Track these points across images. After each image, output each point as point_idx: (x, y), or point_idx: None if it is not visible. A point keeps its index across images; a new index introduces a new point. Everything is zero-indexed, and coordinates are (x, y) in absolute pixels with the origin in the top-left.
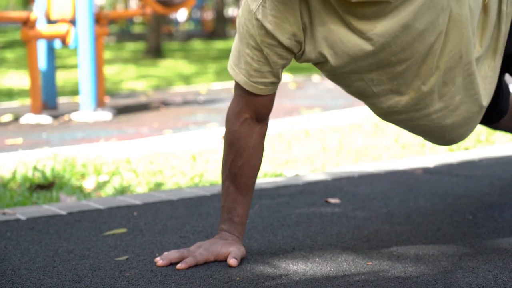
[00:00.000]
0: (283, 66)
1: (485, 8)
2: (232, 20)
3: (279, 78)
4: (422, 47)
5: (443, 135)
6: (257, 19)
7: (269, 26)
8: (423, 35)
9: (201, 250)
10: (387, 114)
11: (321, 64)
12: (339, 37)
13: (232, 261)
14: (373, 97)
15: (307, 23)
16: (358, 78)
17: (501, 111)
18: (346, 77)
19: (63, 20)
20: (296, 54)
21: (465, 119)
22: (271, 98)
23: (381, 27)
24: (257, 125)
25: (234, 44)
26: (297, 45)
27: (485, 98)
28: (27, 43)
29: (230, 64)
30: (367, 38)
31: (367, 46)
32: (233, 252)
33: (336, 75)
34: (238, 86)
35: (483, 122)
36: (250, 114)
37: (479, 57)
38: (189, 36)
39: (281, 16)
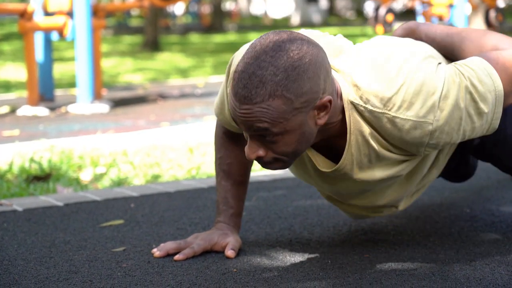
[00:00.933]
0: None
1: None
2: (229, 14)
3: None
4: (373, 194)
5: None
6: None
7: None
8: (379, 190)
9: (198, 241)
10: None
11: None
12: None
13: (230, 253)
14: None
15: None
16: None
17: (465, 176)
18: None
19: (60, 12)
20: None
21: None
22: None
23: (341, 186)
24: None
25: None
26: None
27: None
28: (24, 35)
29: (216, 103)
30: (323, 183)
31: (321, 185)
32: (230, 243)
33: None
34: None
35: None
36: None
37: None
38: (186, 30)
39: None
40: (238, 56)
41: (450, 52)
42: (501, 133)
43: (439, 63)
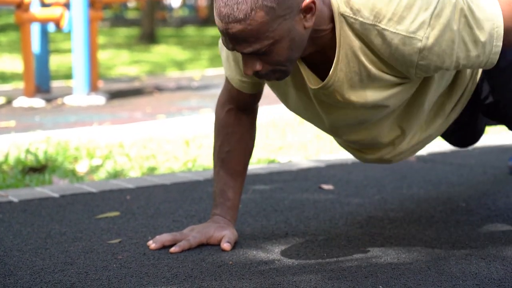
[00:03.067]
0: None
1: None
2: None
3: (261, 83)
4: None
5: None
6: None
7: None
8: (377, 122)
9: (194, 233)
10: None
11: None
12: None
13: (225, 245)
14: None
15: None
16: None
17: (471, 141)
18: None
19: (57, 4)
20: None
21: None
22: (255, 96)
23: (338, 115)
24: (243, 114)
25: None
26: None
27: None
28: (20, 26)
29: (223, 57)
30: (320, 113)
31: (319, 118)
32: (226, 236)
33: None
34: (226, 78)
35: (455, 145)
36: (235, 106)
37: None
38: (183, 22)
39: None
40: None
41: None
42: (502, 78)
43: None
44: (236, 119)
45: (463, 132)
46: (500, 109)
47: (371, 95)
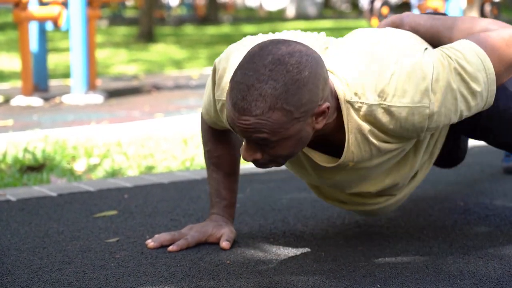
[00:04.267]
0: None
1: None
2: (224, 6)
3: None
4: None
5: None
6: (217, 100)
7: (223, 118)
8: (374, 178)
9: (192, 232)
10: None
11: None
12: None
13: (224, 244)
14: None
15: None
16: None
17: (458, 160)
18: None
19: (55, 2)
20: None
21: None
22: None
23: (339, 177)
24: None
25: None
26: None
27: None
28: (18, 25)
29: (205, 102)
30: (319, 177)
31: (317, 181)
32: (225, 235)
33: None
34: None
35: (443, 167)
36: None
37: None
38: (181, 21)
39: None
40: (223, 63)
41: (437, 42)
42: (494, 109)
43: (426, 48)
44: (221, 131)
45: (449, 156)
46: (481, 127)
47: (377, 160)
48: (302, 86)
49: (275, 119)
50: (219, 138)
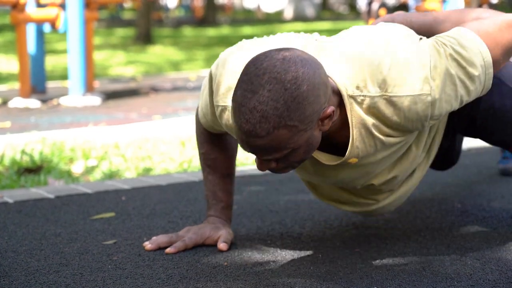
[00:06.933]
0: None
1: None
2: (222, 8)
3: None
4: (374, 176)
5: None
6: (216, 106)
7: (222, 123)
8: (378, 172)
9: (190, 234)
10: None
11: None
12: None
13: (222, 246)
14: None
15: None
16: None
17: (452, 162)
18: None
19: (52, 4)
20: None
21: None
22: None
23: (343, 175)
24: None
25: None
26: None
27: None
28: (16, 27)
29: (202, 107)
30: (322, 176)
31: (318, 180)
32: (223, 236)
33: None
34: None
35: (438, 169)
36: None
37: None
38: (179, 23)
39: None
40: (220, 69)
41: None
42: (490, 107)
43: (420, 38)
44: (217, 133)
45: (444, 157)
46: (477, 125)
47: (381, 154)
48: (302, 101)
49: (281, 136)
50: (214, 141)
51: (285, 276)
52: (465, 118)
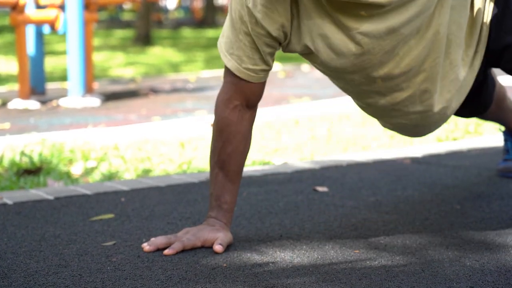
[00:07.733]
0: (271, 54)
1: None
2: (222, 9)
3: (269, 66)
4: (404, 52)
5: (415, 131)
6: (247, 7)
7: (258, 16)
8: (406, 40)
9: (188, 236)
10: (366, 108)
11: (309, 57)
12: (324, 32)
13: (217, 247)
14: (353, 93)
15: (295, 14)
16: (340, 77)
17: (485, 104)
18: (328, 74)
19: (52, 6)
20: (282, 44)
21: (437, 122)
22: (261, 85)
23: (367, 27)
24: (247, 112)
25: (226, 29)
26: (284, 36)
27: (458, 101)
28: (15, 28)
29: (222, 49)
30: (351, 37)
31: (351, 45)
32: (219, 238)
33: (323, 69)
34: (228, 72)
35: (469, 114)
36: (241, 101)
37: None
38: (178, 24)
39: (271, 6)
40: None
41: None
42: None
43: None
44: (239, 117)
45: (477, 96)
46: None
47: (409, 11)
48: None
49: None
50: (237, 125)
51: (284, 277)
52: (499, 42)
